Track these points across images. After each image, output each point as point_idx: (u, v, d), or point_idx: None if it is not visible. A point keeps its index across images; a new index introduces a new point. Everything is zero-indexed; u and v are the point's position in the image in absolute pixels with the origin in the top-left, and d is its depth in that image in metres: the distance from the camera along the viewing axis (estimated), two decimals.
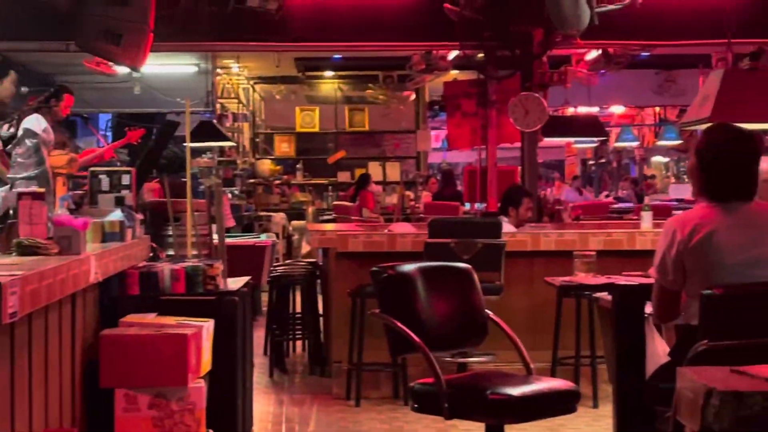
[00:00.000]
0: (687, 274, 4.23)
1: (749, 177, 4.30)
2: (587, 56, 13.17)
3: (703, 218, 4.24)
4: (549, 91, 11.38)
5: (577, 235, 8.12)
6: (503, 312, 7.29)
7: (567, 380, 5.43)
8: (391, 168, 18.06)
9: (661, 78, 17.38)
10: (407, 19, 10.61)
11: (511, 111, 10.04)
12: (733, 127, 4.49)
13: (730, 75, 7.04)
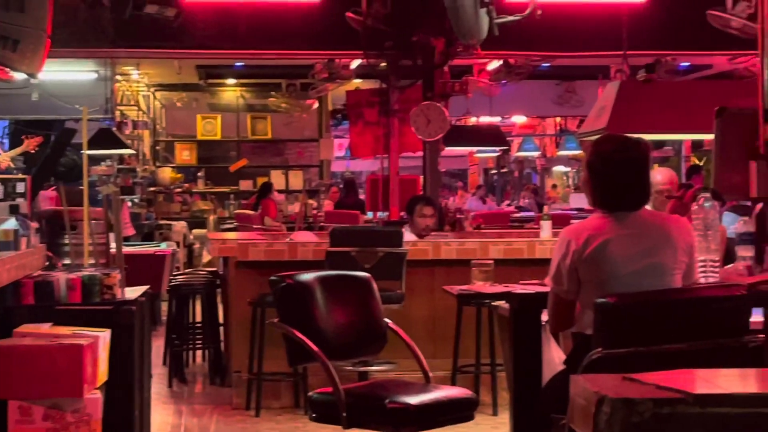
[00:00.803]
0: (581, 283, 4.28)
1: (640, 186, 4.36)
2: (489, 67, 13.31)
3: (596, 228, 4.28)
4: (451, 101, 11.45)
5: (477, 244, 8.17)
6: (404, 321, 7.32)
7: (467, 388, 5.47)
8: (294, 176, 18.02)
9: (562, 89, 17.60)
10: (310, 28, 10.59)
11: (413, 120, 10.08)
12: (622, 137, 4.55)
13: (625, 86, 7.16)
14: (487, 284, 5.23)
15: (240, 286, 7.97)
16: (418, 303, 8.05)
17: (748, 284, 4.29)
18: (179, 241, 14.33)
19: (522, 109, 18.96)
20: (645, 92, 7.06)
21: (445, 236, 9.13)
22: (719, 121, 5.03)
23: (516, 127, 22.32)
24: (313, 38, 10.77)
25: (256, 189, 16.75)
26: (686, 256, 4.32)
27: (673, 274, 4.25)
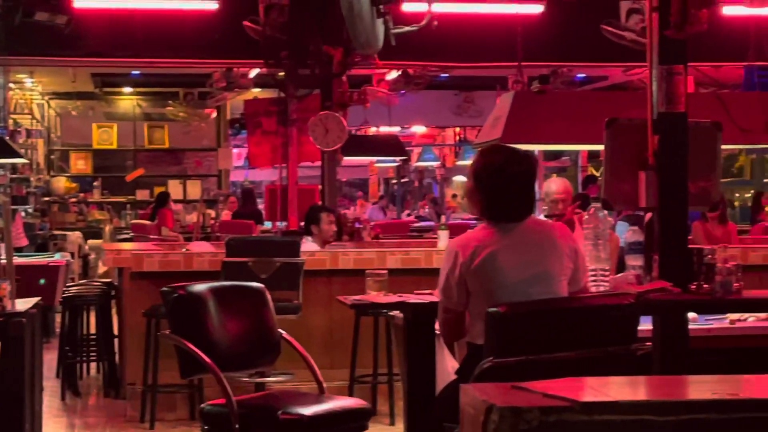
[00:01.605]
0: (470, 294, 4.29)
1: (527, 197, 4.39)
2: (388, 76, 13.34)
3: (483, 239, 4.29)
4: (349, 111, 11.44)
5: (375, 254, 8.19)
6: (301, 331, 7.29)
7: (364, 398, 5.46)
8: (192, 186, 17.88)
9: (461, 99, 17.73)
10: (207, 36, 10.51)
11: (311, 130, 10.06)
12: (508, 148, 4.58)
13: (520, 97, 7.23)
14: (381, 294, 5.23)
15: (134, 298, 7.87)
16: (316, 313, 8.04)
17: (637, 293, 4.35)
18: (74, 252, 14.11)
19: (421, 119, 19.05)
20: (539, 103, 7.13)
21: (343, 246, 9.12)
22: (609, 132, 5.11)
23: (416, 137, 22.41)
24: (211, 47, 10.69)
25: (153, 199, 16.59)
26: (571, 261, 4.36)
27: (560, 280, 4.30)
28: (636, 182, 4.94)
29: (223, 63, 12.06)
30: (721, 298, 4.69)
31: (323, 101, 10.29)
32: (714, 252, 4.79)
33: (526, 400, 2.71)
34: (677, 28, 4.78)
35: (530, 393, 2.82)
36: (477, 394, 2.81)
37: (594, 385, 2.95)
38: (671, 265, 4.84)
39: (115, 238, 15.06)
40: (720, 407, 2.54)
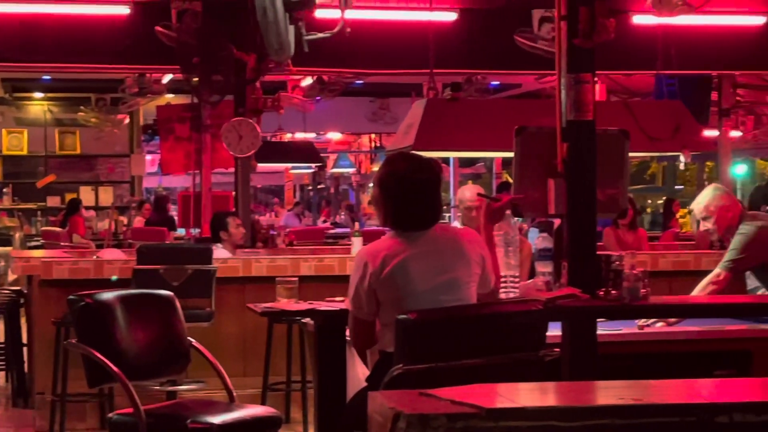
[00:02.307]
0: (380, 303, 4.29)
1: (433, 204, 4.40)
2: (302, 83, 13.32)
3: (392, 248, 4.29)
4: (263, 117, 11.40)
5: (288, 261, 8.17)
6: (214, 339, 7.25)
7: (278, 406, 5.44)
8: (105, 192, 17.69)
9: (376, 106, 17.75)
10: (119, 41, 10.38)
11: (224, 136, 10.00)
12: (414, 155, 4.60)
13: (432, 105, 7.26)
14: (291, 301, 5.21)
15: (43, 306, 7.76)
16: (229, 321, 7.99)
17: (546, 299, 4.39)
18: None
19: (337, 126, 19.05)
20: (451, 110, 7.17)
21: (256, 253, 9.09)
22: (518, 139, 5.14)
23: (331, 144, 22.41)
24: (123, 52, 10.56)
25: (64, 205, 16.37)
26: (479, 267, 4.38)
27: (468, 287, 4.32)
28: (545, 189, 4.98)
29: (135, 68, 11.93)
30: (629, 304, 4.74)
31: (237, 107, 10.23)
32: (622, 258, 4.85)
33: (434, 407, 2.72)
34: (585, 37, 4.83)
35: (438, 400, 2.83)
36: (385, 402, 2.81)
37: (501, 392, 2.96)
38: (580, 271, 4.89)
39: (25, 246, 14.83)
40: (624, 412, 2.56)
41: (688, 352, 5.60)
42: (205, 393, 7.24)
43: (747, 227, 6.30)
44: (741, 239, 6.25)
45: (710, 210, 6.38)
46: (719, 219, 6.36)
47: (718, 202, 6.37)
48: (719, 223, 6.37)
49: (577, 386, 3.32)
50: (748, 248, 6.20)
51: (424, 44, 8.15)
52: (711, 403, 2.62)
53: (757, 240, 6.23)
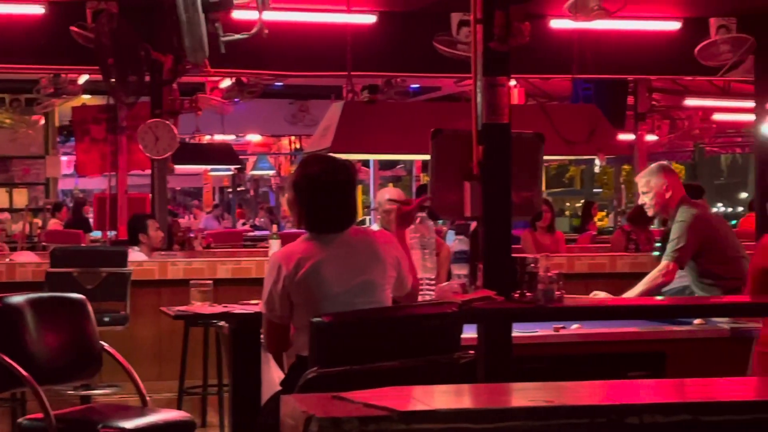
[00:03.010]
0: (294, 307, 4.27)
1: (347, 206, 4.39)
2: (221, 84, 13.24)
3: (306, 251, 4.28)
4: (181, 119, 11.31)
5: (205, 264, 8.12)
6: (129, 342, 7.18)
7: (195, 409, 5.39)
8: (19, 194, 17.45)
9: (295, 108, 17.70)
10: (34, 41, 10.23)
11: (140, 137, 9.90)
12: (328, 157, 4.60)
13: (349, 107, 7.25)
14: (205, 304, 5.17)
15: None
16: (144, 324, 7.92)
17: (462, 301, 4.40)
18: None
19: (256, 128, 18.95)
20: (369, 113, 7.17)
21: (173, 256, 9.02)
22: (434, 142, 5.16)
23: (251, 146, 22.31)
24: (38, 52, 10.40)
25: None
26: (394, 270, 4.39)
27: (383, 289, 4.32)
28: (461, 192, 4.99)
29: (50, 69, 11.76)
30: (543, 306, 4.77)
31: (153, 109, 10.14)
32: (537, 261, 4.88)
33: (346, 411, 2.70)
34: (500, 41, 4.85)
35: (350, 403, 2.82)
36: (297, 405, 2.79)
37: (415, 394, 2.96)
38: (495, 274, 4.90)
39: None
40: (536, 414, 2.57)
41: (603, 354, 5.65)
42: (120, 397, 7.17)
43: (684, 214, 6.43)
44: (681, 226, 6.38)
45: (650, 185, 6.54)
46: (657, 196, 6.51)
47: (660, 180, 6.52)
48: (657, 199, 6.52)
49: (491, 388, 3.33)
50: (689, 236, 6.31)
51: (343, 46, 8.13)
52: (621, 405, 2.64)
53: (694, 227, 6.35)
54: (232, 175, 24.60)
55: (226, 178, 26.49)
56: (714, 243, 6.50)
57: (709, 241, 6.47)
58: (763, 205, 11.83)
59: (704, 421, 2.57)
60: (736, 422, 2.60)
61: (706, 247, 6.46)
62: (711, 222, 6.67)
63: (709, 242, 6.47)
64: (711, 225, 6.60)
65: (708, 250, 6.48)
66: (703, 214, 6.60)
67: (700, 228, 6.43)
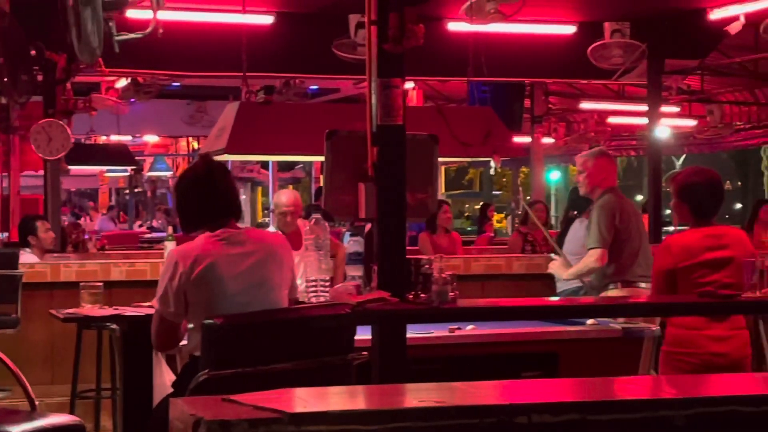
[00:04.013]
0: (190, 305, 4.24)
1: (228, 204, 4.39)
2: (117, 84, 13.07)
3: (204, 249, 4.27)
4: (75, 119, 11.15)
5: (99, 266, 8.00)
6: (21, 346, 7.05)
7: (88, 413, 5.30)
8: None
9: (193, 108, 17.54)
10: None
11: (33, 138, 9.73)
12: (207, 161, 4.60)
13: (245, 108, 7.20)
14: (96, 307, 5.10)
15: None
16: (36, 327, 7.78)
17: (356, 303, 4.40)
18: None
19: (153, 128, 18.74)
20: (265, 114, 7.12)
21: (66, 258, 8.87)
22: (329, 143, 5.14)
23: (148, 147, 22.06)
24: None
25: None
26: (290, 271, 4.41)
27: (280, 290, 4.32)
28: (356, 193, 4.99)
29: None
30: (437, 308, 4.78)
31: (46, 108, 9.97)
32: (431, 262, 4.89)
33: (235, 413, 2.68)
34: (395, 42, 4.85)
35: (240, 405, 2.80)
36: (186, 408, 2.76)
37: (306, 396, 2.95)
38: (390, 275, 4.91)
39: None
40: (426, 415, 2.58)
41: (497, 354, 5.70)
42: (10, 401, 7.03)
43: (604, 199, 6.74)
44: (602, 212, 6.68)
45: (587, 165, 6.85)
46: (590, 176, 6.84)
47: (597, 161, 6.84)
48: (589, 179, 6.85)
49: (384, 389, 3.33)
50: (610, 220, 6.54)
51: (239, 47, 8.08)
52: (510, 405, 2.66)
53: (612, 215, 6.58)
54: (129, 176, 24.31)
55: (122, 179, 26.17)
56: (626, 236, 6.77)
57: (622, 232, 6.72)
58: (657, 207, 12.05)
59: (592, 420, 2.60)
60: (623, 421, 2.63)
61: (617, 238, 6.67)
62: (630, 216, 6.92)
63: (621, 234, 6.72)
64: (629, 218, 6.86)
65: (619, 241, 6.73)
66: (624, 206, 6.89)
67: (619, 218, 6.72)
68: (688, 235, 5.48)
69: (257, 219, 28.23)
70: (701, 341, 5.38)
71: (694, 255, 5.39)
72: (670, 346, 5.44)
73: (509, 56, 10.65)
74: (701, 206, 5.43)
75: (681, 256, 5.39)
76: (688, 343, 5.38)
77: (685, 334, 5.41)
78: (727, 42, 11.61)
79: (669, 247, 5.48)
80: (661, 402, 2.72)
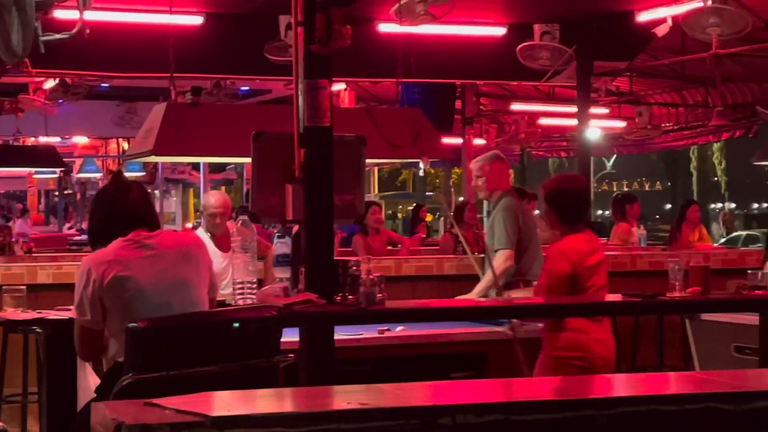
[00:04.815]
0: (107, 312, 4.20)
1: (137, 221, 4.36)
2: (45, 85, 12.91)
3: (117, 254, 4.23)
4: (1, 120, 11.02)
5: (24, 269, 7.90)
6: None
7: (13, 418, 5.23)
8: None
9: (123, 110, 17.39)
10: None
11: None
12: (116, 177, 4.58)
13: (172, 109, 7.15)
14: (18, 310, 5.04)
15: None
16: None
17: (282, 305, 4.38)
18: None
19: (82, 130, 18.53)
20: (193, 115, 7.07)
21: None
22: (256, 145, 5.13)
23: (77, 148, 21.83)
24: None
25: None
26: (207, 270, 4.38)
27: (199, 289, 4.30)
28: (283, 195, 4.97)
29: None
30: (365, 309, 4.78)
31: None
32: (359, 264, 4.89)
33: (157, 417, 2.66)
34: (321, 44, 4.85)
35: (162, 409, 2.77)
36: (107, 413, 2.73)
37: (230, 399, 2.94)
38: (317, 276, 4.90)
39: None
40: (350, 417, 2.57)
41: (427, 355, 5.71)
42: None
43: (506, 202, 6.91)
44: (507, 214, 6.84)
45: (485, 170, 6.99)
46: (489, 180, 7.01)
47: (494, 165, 7.02)
48: (488, 182, 7.01)
49: (310, 392, 3.32)
50: (515, 222, 6.66)
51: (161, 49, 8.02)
52: (434, 406, 2.66)
53: (515, 217, 6.67)
54: (58, 178, 24.05)
55: (52, 181, 25.87)
56: (526, 237, 7.00)
57: (524, 233, 6.97)
58: None
59: (515, 420, 2.61)
60: (546, 421, 2.64)
61: (520, 239, 6.95)
62: (528, 218, 7.19)
63: (523, 235, 6.97)
64: (528, 219, 7.13)
65: (521, 242, 6.97)
66: (522, 208, 7.14)
67: (522, 219, 6.96)
68: (575, 241, 5.62)
69: (189, 221, 28.08)
70: (591, 344, 5.51)
71: (584, 259, 5.58)
72: (563, 351, 5.50)
73: (439, 57, 10.68)
74: (567, 212, 5.56)
75: (577, 261, 5.53)
76: (580, 347, 5.48)
77: (577, 338, 5.49)
78: (655, 44, 11.74)
79: (564, 252, 5.58)
80: (584, 402, 2.74)
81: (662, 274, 5.45)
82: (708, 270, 5.54)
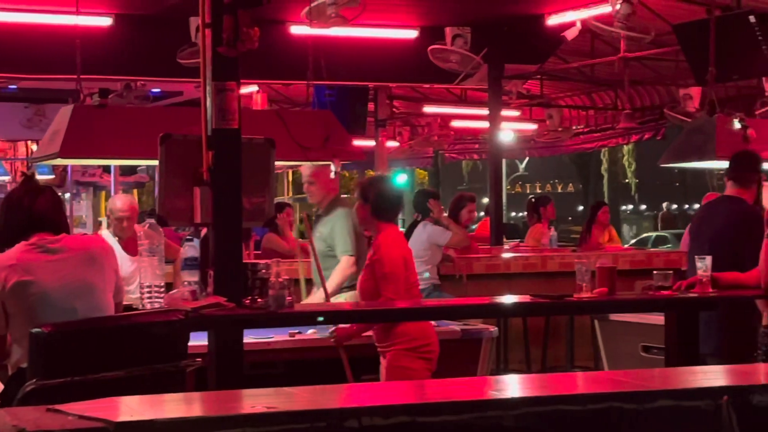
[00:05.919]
0: (10, 317, 4.14)
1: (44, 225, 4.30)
2: None
3: (19, 259, 4.20)
4: None
5: None
6: None
7: None
8: None
9: (31, 112, 17.13)
10: None
11: None
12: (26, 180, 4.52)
13: (79, 111, 7.06)
14: None
15: None
16: None
17: (190, 309, 4.35)
18: None
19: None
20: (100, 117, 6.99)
21: None
22: (163, 147, 5.09)
23: None
24: None
25: None
26: (113, 274, 4.35)
27: (104, 293, 4.26)
28: (191, 198, 4.94)
29: None
30: (274, 312, 4.76)
31: None
32: (268, 267, 4.87)
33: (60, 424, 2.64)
34: (229, 45, 4.82)
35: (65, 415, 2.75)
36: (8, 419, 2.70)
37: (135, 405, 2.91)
38: (226, 280, 4.88)
39: None
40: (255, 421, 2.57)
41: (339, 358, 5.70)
42: None
43: (342, 211, 7.02)
44: (346, 223, 6.95)
45: (317, 175, 7.15)
46: (321, 186, 7.16)
47: (326, 170, 7.13)
48: (321, 191, 7.17)
49: (218, 396, 3.31)
50: (353, 229, 6.94)
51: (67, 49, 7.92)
52: (340, 408, 2.67)
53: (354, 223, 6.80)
54: None
55: None
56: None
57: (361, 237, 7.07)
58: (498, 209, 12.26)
59: (421, 422, 2.62)
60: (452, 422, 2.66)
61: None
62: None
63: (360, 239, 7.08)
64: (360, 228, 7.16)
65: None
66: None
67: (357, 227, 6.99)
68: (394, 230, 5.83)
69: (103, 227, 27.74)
70: (430, 330, 5.73)
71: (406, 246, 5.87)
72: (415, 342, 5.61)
73: (351, 60, 10.69)
74: (379, 208, 5.69)
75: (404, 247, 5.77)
76: (427, 334, 5.66)
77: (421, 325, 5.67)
78: (565, 47, 11.87)
79: (394, 240, 5.84)
80: (490, 402, 2.76)
81: (572, 275, 5.50)
82: (614, 271, 5.62)
